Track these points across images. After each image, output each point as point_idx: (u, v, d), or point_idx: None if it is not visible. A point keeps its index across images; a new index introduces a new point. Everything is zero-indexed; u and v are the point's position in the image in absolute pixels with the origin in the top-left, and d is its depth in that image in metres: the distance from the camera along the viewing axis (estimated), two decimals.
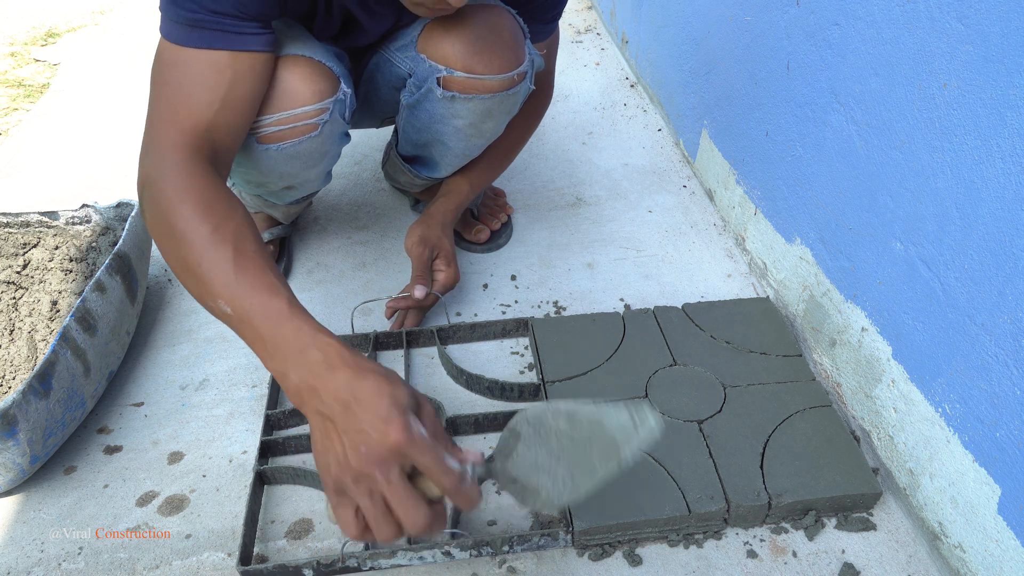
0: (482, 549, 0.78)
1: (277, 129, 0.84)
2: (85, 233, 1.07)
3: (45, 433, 0.83)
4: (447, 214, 1.08)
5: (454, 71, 0.89)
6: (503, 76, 0.90)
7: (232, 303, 0.64)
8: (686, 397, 0.91)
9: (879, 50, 0.80)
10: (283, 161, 0.88)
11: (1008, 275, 0.65)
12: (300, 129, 0.85)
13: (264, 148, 0.85)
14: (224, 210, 0.70)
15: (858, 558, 0.79)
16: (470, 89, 0.91)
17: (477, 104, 0.92)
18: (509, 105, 0.96)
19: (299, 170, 0.91)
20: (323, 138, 0.88)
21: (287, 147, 0.86)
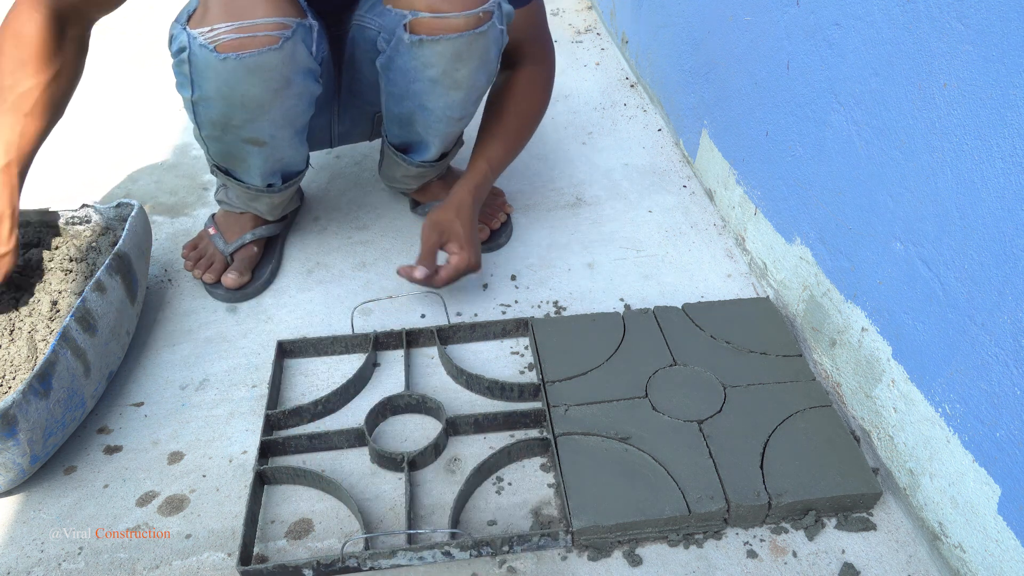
0: (482, 549, 0.78)
1: (236, 37, 0.83)
2: (85, 233, 1.07)
3: (45, 433, 0.83)
4: (465, 196, 1.07)
5: (419, 13, 0.89)
6: (468, 13, 0.89)
7: None
8: (686, 397, 0.91)
9: (879, 50, 0.80)
10: (243, 76, 0.85)
11: (1008, 275, 0.65)
12: (261, 39, 0.83)
13: (223, 58, 0.83)
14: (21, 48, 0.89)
15: (858, 558, 0.79)
16: (436, 30, 0.90)
17: (445, 46, 0.91)
18: (480, 48, 0.93)
19: (261, 93, 0.88)
20: (285, 56, 0.86)
21: (247, 57, 0.84)
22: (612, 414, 0.89)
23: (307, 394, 0.98)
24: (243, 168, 1.02)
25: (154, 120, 1.61)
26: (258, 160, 1.00)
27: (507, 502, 0.85)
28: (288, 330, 1.08)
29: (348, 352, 1.04)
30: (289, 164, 1.06)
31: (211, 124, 0.93)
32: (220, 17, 0.82)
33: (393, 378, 1.00)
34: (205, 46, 0.83)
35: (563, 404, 0.91)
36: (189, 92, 0.88)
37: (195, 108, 0.91)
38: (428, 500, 0.85)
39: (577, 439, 0.87)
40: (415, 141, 1.09)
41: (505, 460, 0.88)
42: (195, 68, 0.85)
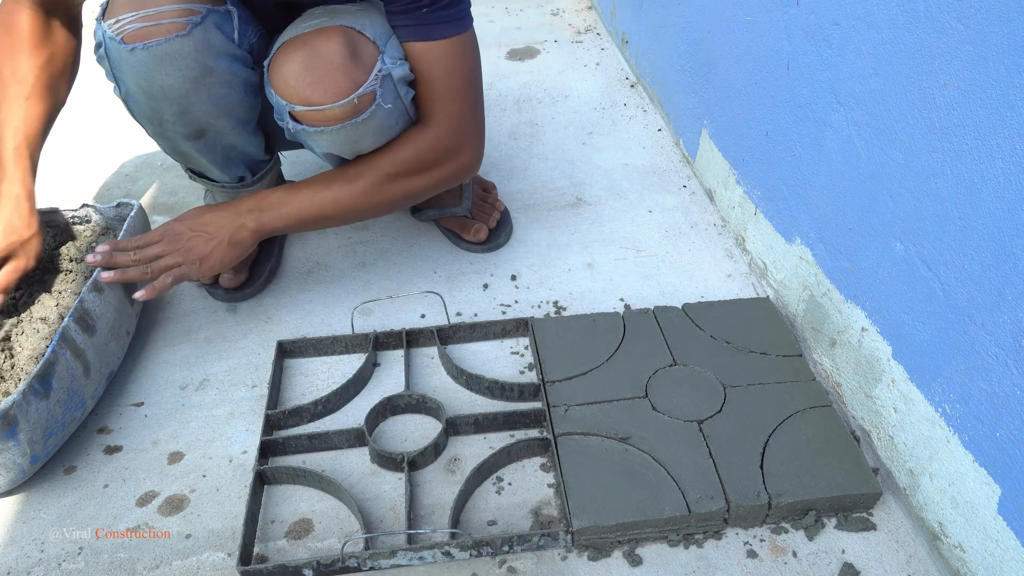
0: (482, 549, 0.78)
1: (141, 26, 0.81)
2: (85, 233, 1.07)
3: (45, 433, 0.83)
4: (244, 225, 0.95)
5: (294, 106, 0.85)
6: (342, 103, 0.84)
7: None
8: (686, 397, 0.91)
9: (879, 50, 0.80)
10: (155, 66, 0.83)
11: (1008, 275, 0.65)
12: (167, 27, 0.82)
13: (131, 49, 0.82)
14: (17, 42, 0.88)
15: (858, 558, 0.79)
16: (317, 122, 0.86)
17: (332, 135, 0.87)
18: (368, 129, 0.88)
19: (180, 83, 0.85)
20: (196, 43, 0.84)
21: (154, 47, 0.82)
22: (612, 414, 0.89)
23: (307, 394, 0.98)
24: (198, 164, 1.01)
25: None
26: (203, 154, 0.97)
27: (507, 502, 0.85)
28: (288, 330, 1.08)
29: (348, 352, 1.04)
30: (247, 154, 1.04)
31: (147, 120, 0.91)
32: (125, 7, 0.81)
33: (393, 378, 1.00)
34: (114, 38, 0.82)
35: (563, 404, 0.91)
36: (117, 90, 0.88)
37: (127, 106, 0.90)
38: (428, 500, 0.85)
39: (577, 439, 0.87)
40: None
41: (505, 460, 0.88)
42: (112, 63, 0.85)
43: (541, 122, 1.59)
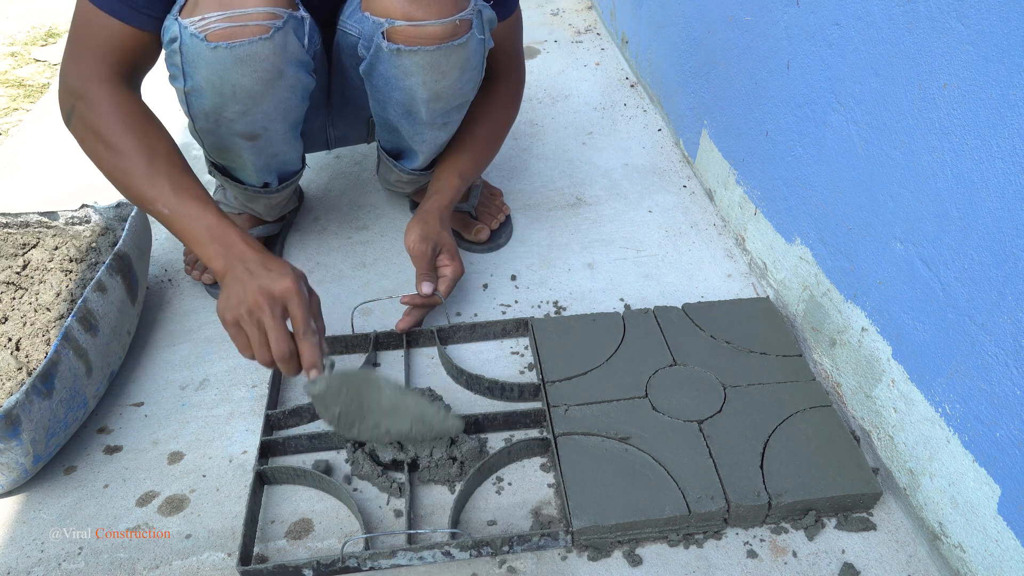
0: (482, 549, 0.78)
1: (227, 26, 0.82)
2: (85, 233, 1.07)
3: (48, 433, 0.83)
4: (443, 209, 1.07)
5: (395, 21, 0.88)
6: (444, 21, 0.88)
7: (171, 207, 0.84)
8: (686, 397, 0.91)
9: (879, 50, 0.80)
10: (234, 66, 0.85)
11: (1008, 275, 0.65)
12: (251, 29, 0.83)
13: (213, 47, 0.83)
14: (153, 128, 0.88)
15: (858, 558, 0.79)
16: (413, 39, 0.89)
17: (424, 57, 0.90)
18: (459, 59, 0.92)
19: (253, 84, 0.87)
20: (276, 47, 0.85)
21: (237, 47, 0.83)
22: (612, 414, 0.89)
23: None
24: (238, 164, 1.02)
25: None
26: (251, 155, 0.99)
27: (507, 502, 0.85)
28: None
29: (348, 352, 1.04)
30: (284, 162, 1.06)
31: (204, 116, 0.92)
32: (211, 6, 0.82)
33: (393, 378, 1.00)
34: (195, 35, 0.82)
35: (563, 404, 0.91)
36: (181, 83, 0.88)
37: (188, 99, 0.90)
38: (428, 500, 0.85)
39: (577, 439, 0.87)
40: (403, 148, 1.09)
41: (505, 460, 0.88)
42: (186, 58, 0.85)
43: (541, 122, 1.59)
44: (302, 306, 0.80)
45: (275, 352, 0.79)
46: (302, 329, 0.80)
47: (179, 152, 0.89)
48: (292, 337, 0.80)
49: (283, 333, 0.79)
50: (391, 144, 1.10)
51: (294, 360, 0.80)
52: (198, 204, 0.85)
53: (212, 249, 0.83)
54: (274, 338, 0.79)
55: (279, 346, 0.79)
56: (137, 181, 0.85)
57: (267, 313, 0.78)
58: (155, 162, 0.85)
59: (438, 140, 1.06)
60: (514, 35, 1.09)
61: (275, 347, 0.79)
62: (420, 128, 1.01)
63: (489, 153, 1.14)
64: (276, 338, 0.79)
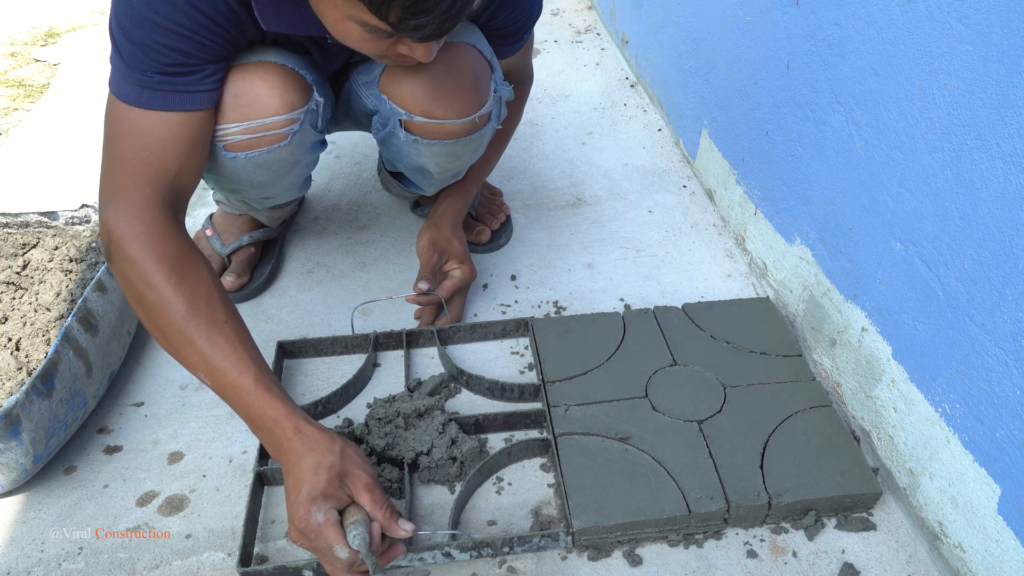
0: (482, 550, 0.78)
1: (245, 138, 0.83)
2: (85, 233, 1.07)
3: (48, 433, 0.83)
4: (456, 215, 1.08)
5: (413, 116, 0.88)
6: (464, 120, 0.89)
7: (209, 376, 0.74)
8: (686, 397, 0.91)
9: (879, 50, 0.80)
10: (252, 169, 0.87)
11: (1008, 275, 0.65)
12: (269, 139, 0.84)
13: (232, 156, 0.84)
14: (195, 277, 0.75)
15: (858, 558, 0.79)
16: (431, 134, 0.90)
17: (440, 148, 0.92)
18: (474, 147, 0.95)
19: (270, 178, 0.90)
20: (293, 148, 0.87)
21: (255, 156, 0.85)
22: (612, 414, 0.89)
23: (307, 394, 0.98)
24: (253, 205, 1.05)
25: None
26: (268, 203, 1.02)
27: (507, 502, 0.85)
28: (288, 330, 1.08)
29: (348, 352, 1.04)
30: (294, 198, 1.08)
31: (221, 190, 0.97)
32: (229, 116, 0.81)
33: (393, 378, 1.00)
34: (214, 143, 0.83)
35: (563, 404, 0.91)
36: None
37: (205, 176, 0.91)
38: (428, 500, 0.85)
39: (577, 439, 0.87)
40: (410, 181, 1.10)
41: (505, 460, 0.88)
42: None
43: (541, 122, 1.59)
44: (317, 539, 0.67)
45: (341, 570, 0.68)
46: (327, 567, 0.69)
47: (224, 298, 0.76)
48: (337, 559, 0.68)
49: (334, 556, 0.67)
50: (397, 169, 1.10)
51: None
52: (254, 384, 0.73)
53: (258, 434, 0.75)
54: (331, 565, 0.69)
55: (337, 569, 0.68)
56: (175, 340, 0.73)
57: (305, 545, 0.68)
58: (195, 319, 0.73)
59: (445, 184, 1.09)
60: (526, 55, 1.10)
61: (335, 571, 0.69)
62: (430, 181, 1.04)
63: (497, 156, 1.16)
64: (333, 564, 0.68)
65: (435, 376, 0.99)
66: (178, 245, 0.76)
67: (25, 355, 0.88)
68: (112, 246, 0.75)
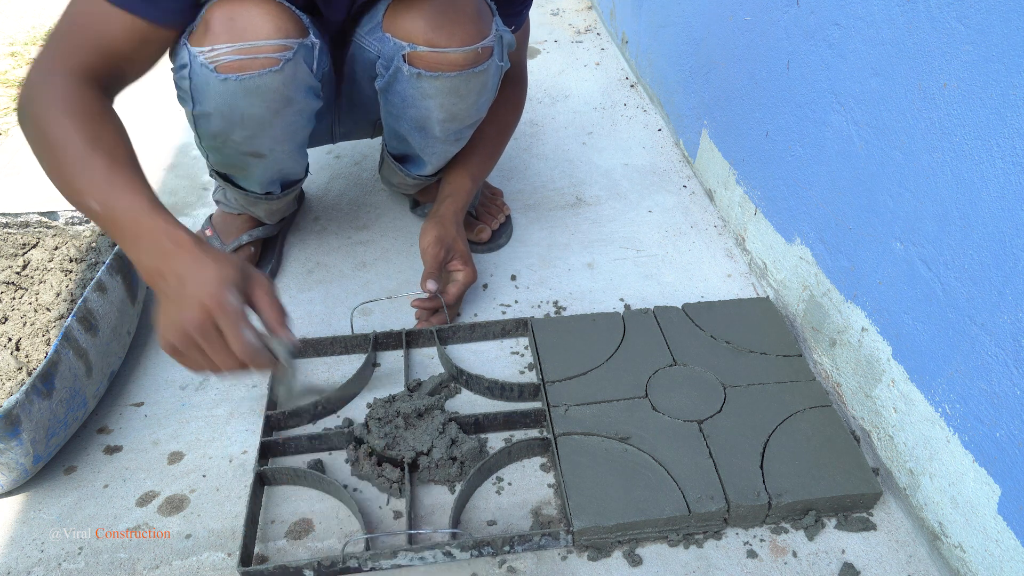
0: (482, 549, 0.78)
1: (237, 59, 0.82)
2: (85, 233, 1.07)
3: (48, 433, 0.83)
4: (458, 213, 1.08)
5: (417, 46, 0.89)
6: (467, 49, 0.89)
7: (101, 202, 0.74)
8: (686, 397, 0.91)
9: (879, 50, 0.80)
10: (243, 96, 0.85)
11: (1008, 275, 0.65)
12: (261, 61, 0.83)
13: (223, 78, 0.83)
14: (102, 122, 0.78)
15: (858, 558, 0.79)
16: (435, 65, 0.90)
17: (444, 82, 0.91)
18: (478, 84, 0.94)
19: (261, 113, 0.88)
20: (285, 78, 0.86)
21: (247, 79, 0.83)
22: (612, 414, 0.89)
23: None
24: (243, 176, 1.03)
25: (154, 120, 1.61)
26: (258, 170, 1.00)
27: (507, 502, 0.85)
28: None
29: (348, 352, 1.04)
30: (289, 174, 1.07)
31: (211, 137, 0.93)
32: (221, 37, 0.82)
33: (393, 378, 1.00)
34: (205, 65, 0.82)
35: (563, 404, 0.91)
36: (190, 106, 0.89)
37: (195, 121, 0.91)
38: (428, 500, 0.85)
39: (577, 439, 0.87)
40: (412, 155, 1.10)
41: (505, 460, 0.88)
42: (195, 85, 0.85)
43: (541, 122, 1.59)
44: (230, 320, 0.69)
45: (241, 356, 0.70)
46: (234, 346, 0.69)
47: (128, 148, 0.79)
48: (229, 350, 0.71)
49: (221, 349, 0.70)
50: (399, 151, 1.11)
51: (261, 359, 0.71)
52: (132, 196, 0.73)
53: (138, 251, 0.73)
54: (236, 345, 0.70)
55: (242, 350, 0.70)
56: (69, 172, 0.74)
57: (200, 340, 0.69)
58: (95, 153, 0.74)
59: (448, 153, 1.07)
60: (523, 44, 1.11)
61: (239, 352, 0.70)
62: (432, 142, 1.03)
63: (498, 152, 1.16)
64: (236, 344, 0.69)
65: (435, 376, 0.99)
66: (95, 102, 0.79)
67: (25, 355, 0.88)
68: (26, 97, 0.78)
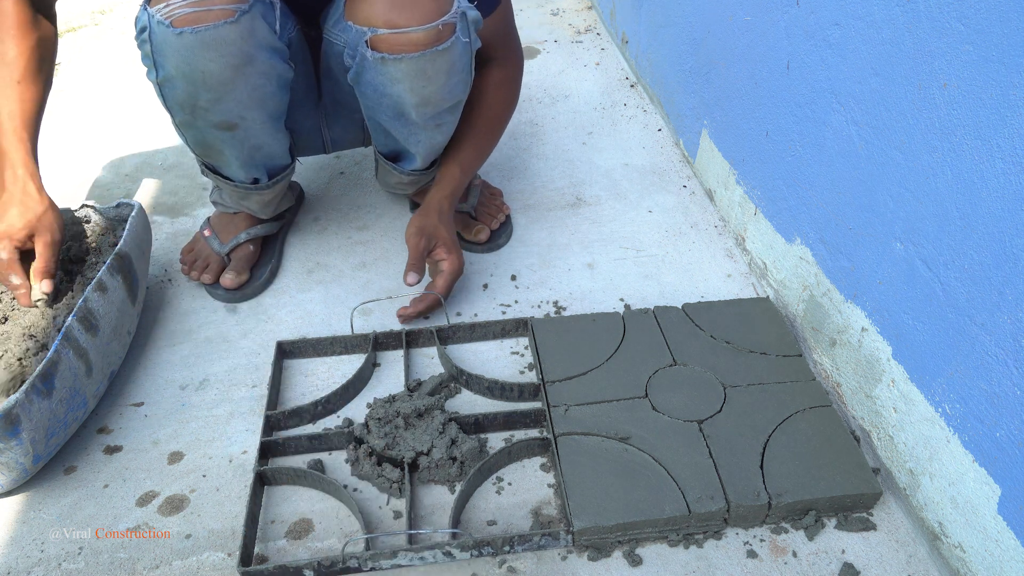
0: (482, 549, 0.78)
1: (191, 11, 0.82)
2: (85, 233, 1.07)
3: (48, 433, 0.83)
4: (443, 201, 1.08)
5: (377, 29, 0.88)
6: (427, 27, 0.88)
7: None
8: (686, 397, 0.91)
9: (879, 50, 0.80)
10: (200, 50, 0.85)
11: (1008, 275, 0.65)
12: (216, 13, 0.83)
13: (179, 32, 0.83)
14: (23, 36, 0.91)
15: (858, 558, 0.79)
16: (397, 47, 0.88)
17: (408, 64, 0.90)
18: (444, 63, 0.92)
19: (221, 70, 0.87)
20: (242, 30, 0.85)
21: (203, 31, 0.83)
22: (612, 414, 0.89)
23: (307, 394, 0.98)
24: (222, 160, 1.01)
25: (154, 120, 1.61)
26: (233, 148, 0.99)
27: (507, 502, 0.85)
28: (288, 330, 1.08)
29: (348, 352, 1.04)
30: (269, 155, 1.05)
31: (179, 107, 0.92)
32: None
33: (393, 378, 1.00)
34: (162, 22, 0.83)
35: (563, 404, 0.91)
36: (154, 75, 0.88)
37: (162, 91, 0.91)
38: (428, 500, 0.85)
39: (577, 439, 0.87)
40: (400, 150, 1.09)
41: (505, 460, 0.88)
42: (155, 47, 0.85)
43: (541, 122, 1.59)
44: None
45: None
46: None
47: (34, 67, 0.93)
48: None
49: None
50: (388, 148, 1.10)
51: None
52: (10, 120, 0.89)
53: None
54: None
55: None
56: None
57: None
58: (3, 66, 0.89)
59: (434, 141, 1.06)
60: (504, 23, 1.08)
61: None
62: (414, 130, 1.02)
63: (491, 140, 1.15)
64: None
65: (435, 376, 0.99)
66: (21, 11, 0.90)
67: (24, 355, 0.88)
68: None
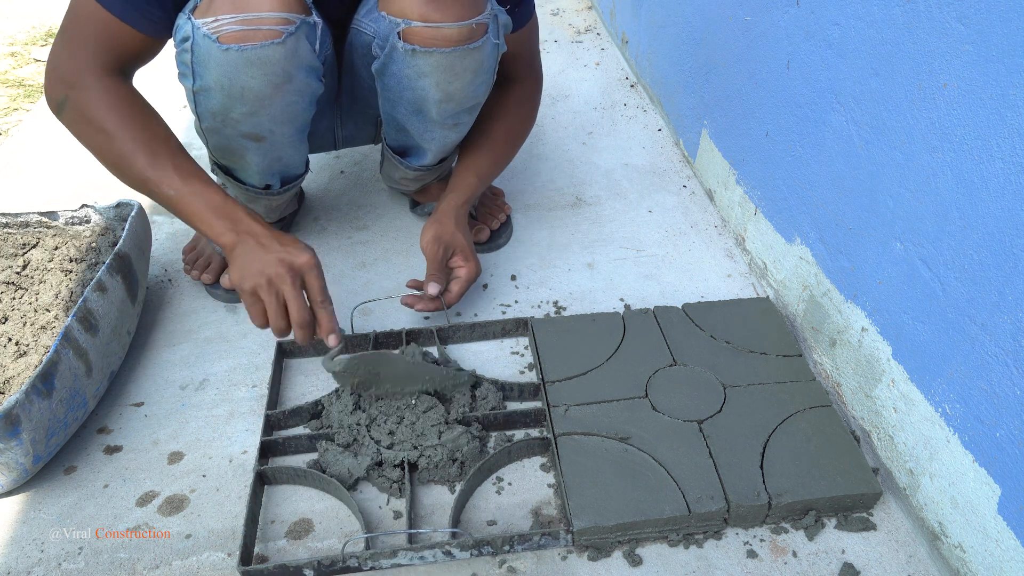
0: (482, 549, 0.78)
1: (239, 29, 0.83)
2: (85, 233, 1.07)
3: (48, 433, 0.83)
4: (460, 208, 1.08)
5: (411, 22, 0.89)
6: (461, 24, 0.89)
7: (176, 188, 0.87)
8: (686, 397, 0.91)
9: (879, 50, 0.80)
10: (244, 68, 0.85)
11: (1008, 275, 0.65)
12: (264, 33, 0.84)
13: (225, 48, 0.83)
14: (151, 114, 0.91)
15: (858, 558, 0.79)
16: (430, 40, 0.89)
17: (439, 58, 0.91)
18: (474, 63, 0.93)
19: (261, 87, 0.88)
20: (287, 51, 0.86)
21: (249, 50, 0.84)
22: (612, 414, 0.89)
23: (307, 394, 0.98)
24: (242, 165, 1.02)
25: None
26: (256, 157, 1.00)
27: (507, 502, 0.85)
28: None
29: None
30: (288, 165, 1.06)
31: (211, 115, 0.93)
32: (225, 8, 0.82)
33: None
34: (208, 36, 0.83)
35: (563, 404, 0.91)
36: (191, 82, 0.89)
37: (196, 98, 0.91)
38: (428, 500, 0.85)
39: (577, 439, 0.87)
40: (412, 146, 1.09)
41: (505, 460, 0.88)
42: (197, 58, 0.85)
43: (541, 122, 1.59)
44: (321, 277, 0.86)
45: (296, 319, 0.84)
46: (320, 298, 0.86)
47: (176, 138, 0.91)
48: (309, 307, 0.86)
49: (303, 302, 0.85)
50: (398, 142, 1.10)
51: (311, 328, 0.86)
52: (203, 183, 0.87)
53: (221, 225, 0.86)
54: (295, 307, 0.84)
55: (300, 313, 0.84)
56: (139, 165, 0.87)
57: (287, 283, 0.83)
58: (156, 146, 0.87)
59: (447, 140, 1.06)
60: (529, 41, 1.11)
61: (296, 314, 0.84)
62: (430, 127, 1.02)
63: (507, 154, 1.16)
64: (297, 306, 0.84)
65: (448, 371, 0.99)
66: (132, 93, 0.90)
67: None
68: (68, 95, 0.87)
